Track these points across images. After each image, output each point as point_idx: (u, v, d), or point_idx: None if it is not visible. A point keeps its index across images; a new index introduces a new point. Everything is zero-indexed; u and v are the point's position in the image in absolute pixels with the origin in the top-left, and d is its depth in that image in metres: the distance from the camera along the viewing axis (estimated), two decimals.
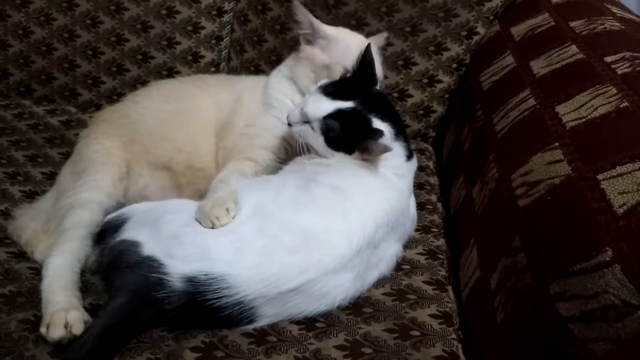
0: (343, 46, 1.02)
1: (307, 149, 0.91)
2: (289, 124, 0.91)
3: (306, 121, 0.88)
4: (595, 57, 0.87)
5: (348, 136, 0.86)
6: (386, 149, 0.83)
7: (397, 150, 0.88)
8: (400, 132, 0.90)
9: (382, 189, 0.85)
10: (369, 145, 0.83)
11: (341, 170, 0.86)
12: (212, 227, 0.79)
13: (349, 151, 0.87)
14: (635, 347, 0.53)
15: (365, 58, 0.91)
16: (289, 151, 0.98)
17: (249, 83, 1.11)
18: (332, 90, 0.89)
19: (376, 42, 1.11)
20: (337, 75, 0.97)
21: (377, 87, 0.96)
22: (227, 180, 0.90)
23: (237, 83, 1.12)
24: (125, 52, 1.40)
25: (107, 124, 1.05)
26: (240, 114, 1.03)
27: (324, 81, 0.92)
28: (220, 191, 0.86)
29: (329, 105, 0.87)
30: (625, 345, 0.54)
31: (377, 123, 0.86)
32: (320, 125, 0.87)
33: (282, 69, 1.09)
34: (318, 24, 1.03)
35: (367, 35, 1.25)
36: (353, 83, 0.91)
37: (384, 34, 1.17)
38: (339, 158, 0.87)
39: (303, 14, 1.03)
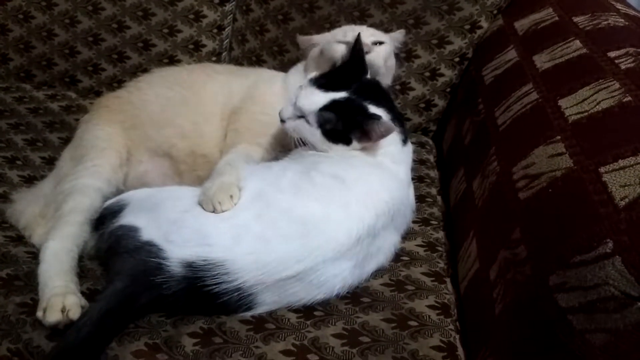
0: (336, 32, 1.08)
1: (303, 144, 0.90)
2: (282, 121, 0.90)
3: (300, 116, 0.88)
4: (598, 52, 0.87)
5: (345, 125, 0.86)
6: (388, 130, 0.83)
7: (394, 136, 0.88)
8: (396, 118, 0.90)
9: (382, 178, 0.85)
10: (371, 127, 0.84)
11: (340, 160, 0.86)
12: (213, 211, 0.79)
13: (347, 142, 0.86)
14: (634, 338, 0.53)
15: (356, 48, 0.92)
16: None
17: (266, 75, 1.13)
18: (324, 82, 0.88)
19: (395, 38, 1.12)
20: (339, 52, 1.01)
21: (387, 84, 0.98)
22: (234, 163, 0.90)
23: (250, 73, 1.13)
24: (127, 39, 1.40)
25: (109, 110, 1.05)
26: (256, 100, 1.03)
27: (314, 74, 0.92)
28: (226, 175, 0.85)
29: (322, 97, 0.86)
30: (624, 336, 0.54)
31: (373, 109, 0.87)
32: (315, 118, 0.86)
33: (301, 69, 1.10)
34: (318, 38, 1.09)
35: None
36: (344, 73, 0.91)
37: (402, 31, 1.17)
38: (337, 150, 0.87)
39: (304, 44, 1.10)
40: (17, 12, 1.41)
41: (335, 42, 1.03)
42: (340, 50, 1.02)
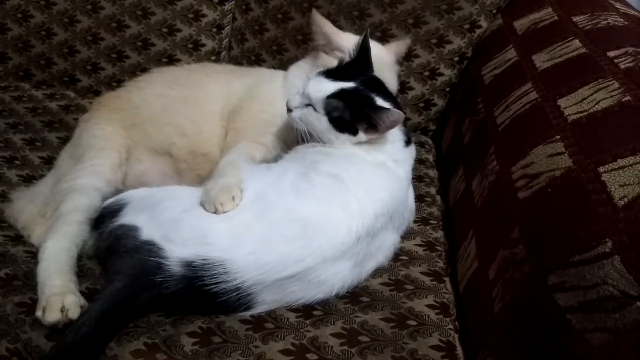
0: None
1: (307, 137, 0.90)
2: (289, 110, 0.91)
3: (308, 104, 0.89)
4: (597, 52, 0.87)
5: (353, 114, 0.86)
6: (397, 120, 0.84)
7: (397, 135, 0.88)
8: None
9: (382, 178, 0.86)
10: (379, 117, 0.84)
11: (341, 159, 0.86)
12: (215, 212, 0.79)
13: (353, 132, 0.87)
14: (633, 337, 0.53)
15: (363, 45, 0.93)
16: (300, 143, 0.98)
17: (266, 74, 1.13)
18: (331, 73, 0.90)
19: (396, 50, 1.12)
20: None
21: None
22: (236, 164, 0.90)
23: (251, 72, 1.13)
24: (126, 38, 1.39)
25: (108, 109, 1.05)
26: (257, 99, 1.03)
27: (320, 68, 0.93)
28: (228, 176, 0.86)
29: (331, 86, 0.88)
30: (622, 335, 0.54)
31: (380, 101, 0.88)
32: (323, 105, 0.87)
33: (303, 66, 1.10)
34: (334, 35, 1.05)
35: (369, 27, 1.25)
36: (351, 68, 0.92)
37: (407, 41, 1.17)
38: (342, 140, 0.87)
39: (320, 27, 1.06)
40: (16, 11, 1.40)
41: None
42: None
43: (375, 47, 0.99)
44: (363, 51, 0.93)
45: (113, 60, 1.41)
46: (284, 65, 1.27)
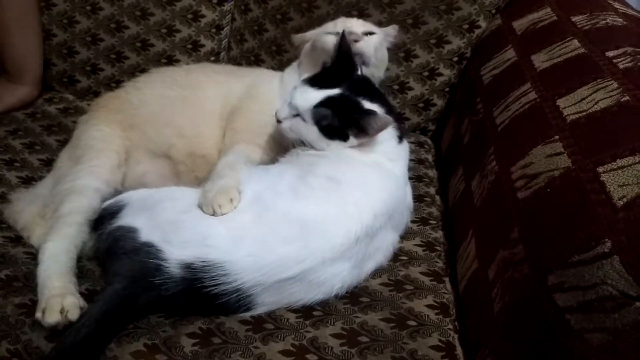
0: (327, 25, 1.08)
1: (300, 144, 0.90)
2: (278, 121, 0.91)
3: (296, 114, 0.89)
4: (596, 52, 0.87)
5: (342, 121, 0.86)
6: (386, 124, 0.84)
7: (389, 133, 0.88)
8: (390, 112, 0.90)
9: (379, 178, 0.86)
10: (367, 122, 0.84)
11: (337, 161, 0.86)
12: (213, 214, 0.79)
13: (343, 138, 0.87)
14: (632, 337, 0.53)
15: (342, 46, 0.93)
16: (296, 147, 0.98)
17: (264, 74, 1.13)
18: (316, 80, 0.90)
19: (387, 32, 1.12)
20: (330, 43, 1.01)
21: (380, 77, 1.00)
22: (234, 166, 0.90)
23: (250, 72, 1.14)
24: (125, 39, 1.39)
25: (107, 111, 1.05)
26: (256, 99, 1.03)
27: (305, 75, 0.93)
28: (226, 178, 0.85)
29: (317, 94, 0.87)
30: (621, 336, 0.54)
31: (368, 104, 0.88)
32: (311, 115, 0.87)
33: (296, 67, 1.10)
34: (310, 34, 1.08)
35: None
36: (335, 72, 0.92)
37: (395, 26, 1.17)
38: (335, 147, 0.87)
39: (299, 41, 1.10)
40: None
41: (325, 33, 1.03)
42: (331, 41, 1.01)
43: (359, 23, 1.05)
44: (343, 53, 0.92)
45: (112, 61, 1.41)
46: (283, 66, 1.27)
